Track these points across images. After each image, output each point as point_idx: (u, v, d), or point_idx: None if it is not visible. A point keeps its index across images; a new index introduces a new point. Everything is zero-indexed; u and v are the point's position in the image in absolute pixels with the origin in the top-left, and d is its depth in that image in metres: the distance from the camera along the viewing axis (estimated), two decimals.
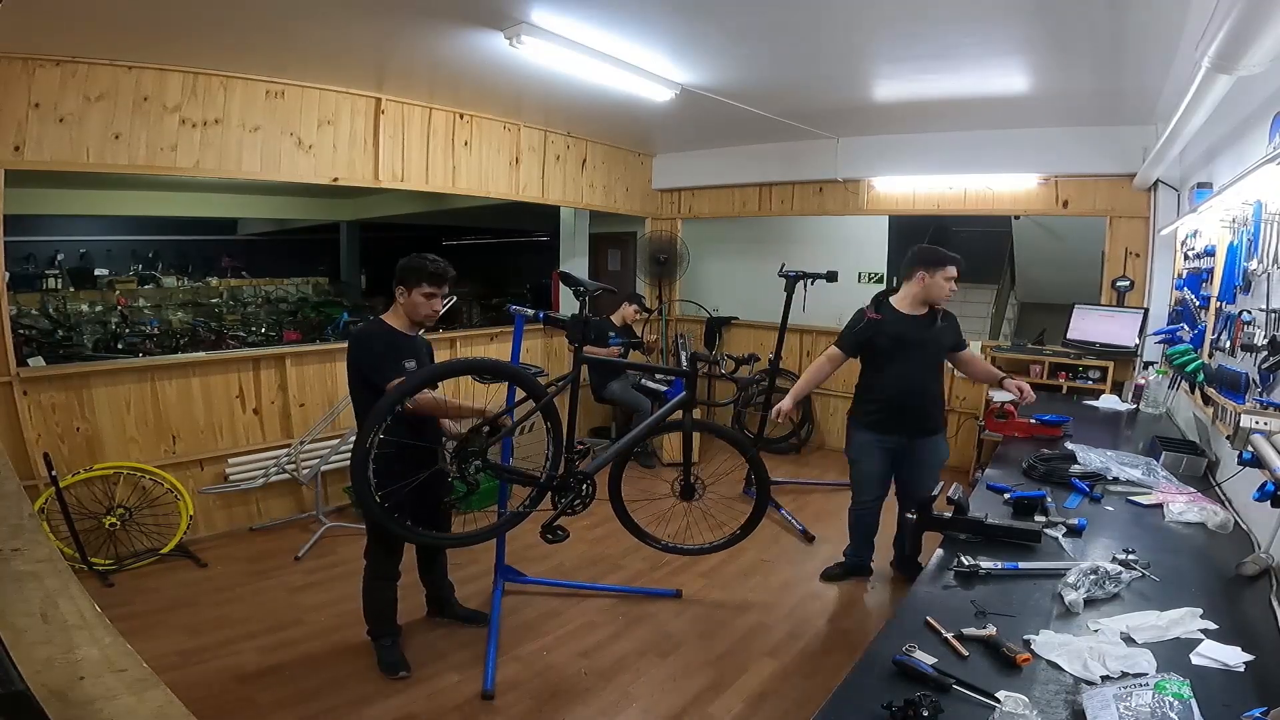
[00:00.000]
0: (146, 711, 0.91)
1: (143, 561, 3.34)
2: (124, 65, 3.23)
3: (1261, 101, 2.22)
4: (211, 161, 3.55)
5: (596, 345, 4.72)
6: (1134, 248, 4.42)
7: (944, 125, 4.56)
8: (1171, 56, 2.77)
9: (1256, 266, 2.13)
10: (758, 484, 2.83)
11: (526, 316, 2.88)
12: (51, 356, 5.14)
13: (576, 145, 5.44)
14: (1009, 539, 1.82)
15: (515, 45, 2.93)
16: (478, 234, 11.14)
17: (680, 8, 2.76)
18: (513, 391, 2.48)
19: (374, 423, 1.98)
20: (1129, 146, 4.12)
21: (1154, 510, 2.10)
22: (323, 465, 3.94)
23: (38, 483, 3.10)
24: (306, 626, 2.89)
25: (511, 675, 2.60)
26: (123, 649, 1.02)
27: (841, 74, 3.62)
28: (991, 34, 2.87)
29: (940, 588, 1.61)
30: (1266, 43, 1.44)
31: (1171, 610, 1.42)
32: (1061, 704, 1.14)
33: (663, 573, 3.43)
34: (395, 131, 4.22)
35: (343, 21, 2.94)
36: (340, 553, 3.63)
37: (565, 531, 2.46)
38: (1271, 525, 1.68)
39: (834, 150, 5.18)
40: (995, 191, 4.89)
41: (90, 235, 8.42)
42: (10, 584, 1.13)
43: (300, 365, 4.10)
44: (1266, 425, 1.60)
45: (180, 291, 8.42)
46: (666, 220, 6.37)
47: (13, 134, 2.99)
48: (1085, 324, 4.48)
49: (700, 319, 6.34)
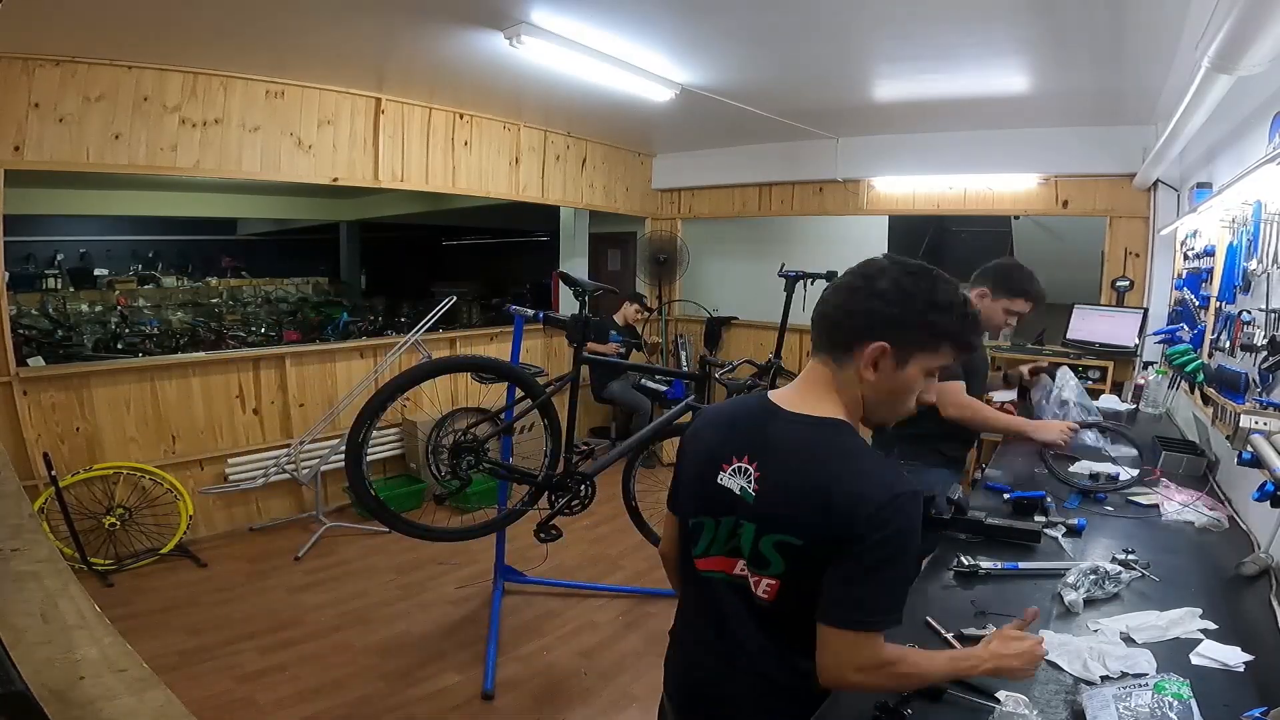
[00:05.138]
0: (146, 711, 0.91)
1: (142, 561, 3.34)
2: (124, 65, 3.23)
3: (1261, 101, 2.22)
4: (211, 161, 3.55)
5: (597, 343, 4.73)
6: (1134, 248, 4.42)
7: (944, 125, 4.56)
8: (1171, 56, 2.76)
9: (1256, 266, 2.13)
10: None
11: (526, 317, 2.88)
12: (51, 356, 5.14)
13: (576, 145, 5.44)
14: (1009, 539, 1.82)
15: (515, 45, 2.93)
16: (478, 234, 11.14)
17: (680, 8, 2.76)
18: (512, 391, 2.49)
19: (367, 417, 2.00)
20: (1129, 146, 4.11)
21: (1153, 510, 2.10)
22: (322, 465, 3.94)
23: (38, 483, 3.10)
24: (306, 626, 2.89)
25: (511, 675, 2.60)
26: (123, 649, 1.02)
27: (841, 74, 3.62)
28: (991, 34, 2.87)
29: (940, 588, 1.61)
30: (1266, 43, 1.44)
31: (1171, 610, 1.42)
32: (1061, 704, 1.14)
33: (663, 573, 3.42)
34: (395, 131, 4.22)
35: (343, 21, 2.94)
36: (340, 553, 3.64)
37: (559, 531, 2.46)
38: (1271, 525, 1.68)
39: (834, 150, 5.18)
40: (995, 191, 4.89)
41: (90, 235, 8.42)
42: (10, 584, 1.13)
43: (300, 365, 4.10)
44: (1266, 425, 1.60)
45: (180, 291, 8.42)
46: (666, 220, 6.37)
47: (13, 134, 3.00)
48: (1085, 324, 4.48)
49: (700, 319, 6.34)
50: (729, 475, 1.08)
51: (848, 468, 1.00)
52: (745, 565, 1.07)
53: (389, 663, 2.66)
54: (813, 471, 1.01)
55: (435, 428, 3.46)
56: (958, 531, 1.85)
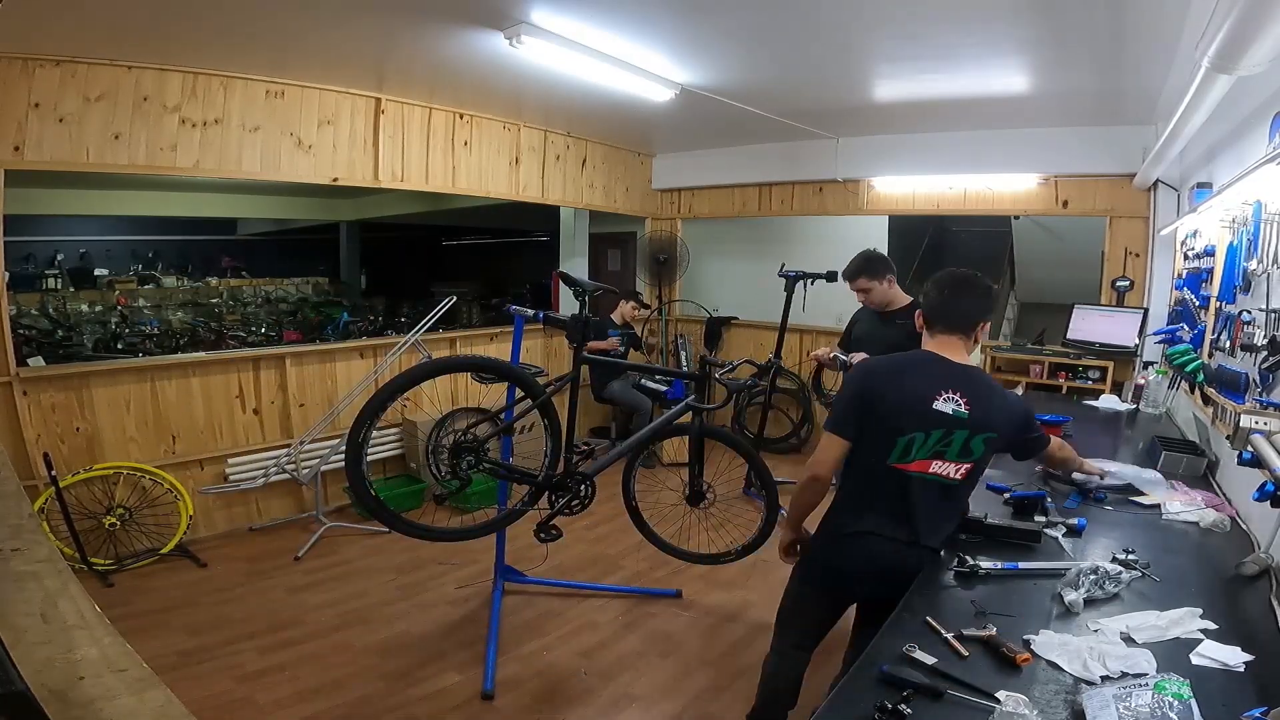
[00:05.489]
0: (146, 711, 0.91)
1: (142, 561, 3.34)
2: (124, 65, 3.23)
3: (1261, 101, 2.22)
4: (211, 161, 3.55)
5: (597, 340, 4.73)
6: (1134, 248, 4.42)
7: (944, 125, 4.56)
8: (1171, 56, 2.76)
9: (1256, 266, 2.13)
10: (767, 496, 2.82)
11: (526, 317, 2.88)
12: (51, 356, 5.14)
13: (576, 145, 5.44)
14: (1009, 539, 1.82)
15: (515, 45, 2.93)
16: (477, 234, 11.14)
17: (680, 8, 2.76)
18: (512, 391, 2.48)
19: (367, 417, 2.00)
20: (1129, 146, 4.11)
21: (1153, 510, 2.10)
22: (322, 465, 3.94)
23: (38, 483, 3.10)
24: (306, 626, 2.89)
25: (511, 675, 2.60)
26: (123, 649, 1.02)
27: (841, 74, 3.62)
28: (991, 34, 2.87)
29: (940, 588, 1.61)
30: (1266, 43, 1.44)
31: (1171, 610, 1.42)
32: (1061, 704, 1.14)
33: (663, 573, 3.43)
34: (395, 131, 4.22)
35: (343, 21, 2.94)
36: (340, 553, 3.64)
37: (559, 531, 2.46)
38: (1271, 525, 1.69)
39: (834, 150, 5.18)
40: (995, 191, 4.89)
41: (90, 235, 8.42)
42: (10, 584, 1.13)
43: (300, 365, 4.10)
44: (1266, 425, 1.60)
45: (180, 291, 8.42)
46: (666, 220, 6.37)
47: (13, 134, 2.99)
48: (1085, 324, 4.48)
49: (700, 319, 6.34)
50: (941, 402, 1.68)
51: (1009, 394, 1.86)
52: (945, 462, 1.70)
53: (389, 663, 2.66)
54: (999, 395, 1.78)
55: (435, 428, 3.47)
56: (958, 531, 1.85)
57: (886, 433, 1.70)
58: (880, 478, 1.73)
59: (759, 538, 2.80)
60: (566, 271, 3.14)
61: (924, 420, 1.68)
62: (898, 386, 1.72)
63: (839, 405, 1.81)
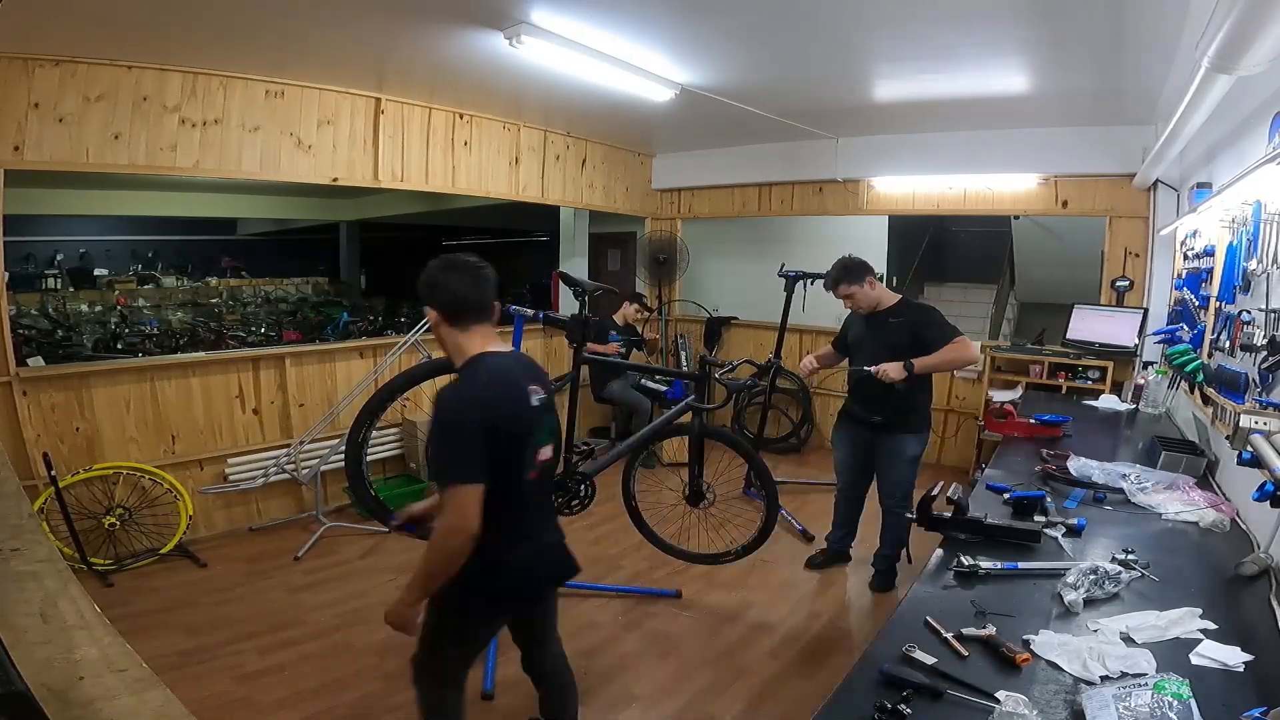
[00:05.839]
0: (146, 711, 0.91)
1: (142, 561, 3.34)
2: (124, 65, 3.23)
3: (1261, 101, 2.22)
4: (211, 161, 3.55)
5: (597, 343, 4.73)
6: (1133, 248, 4.42)
7: (944, 125, 4.56)
8: (1171, 56, 2.76)
9: (1256, 266, 2.13)
10: (767, 496, 2.83)
11: (526, 317, 2.88)
12: (51, 356, 5.14)
13: (576, 145, 5.44)
14: (1009, 539, 1.82)
15: (515, 45, 2.93)
16: (477, 234, 11.13)
17: (680, 8, 2.76)
18: None
19: (366, 417, 2.00)
20: (1129, 146, 4.11)
21: (1153, 510, 2.10)
22: (322, 465, 3.94)
23: (37, 483, 3.09)
24: (306, 626, 2.89)
25: (512, 675, 2.58)
26: (122, 649, 1.02)
27: (841, 74, 3.62)
28: (991, 34, 2.87)
29: (940, 588, 1.61)
30: (1266, 43, 1.44)
31: (1171, 610, 1.42)
32: (1061, 704, 1.14)
33: (663, 573, 3.42)
34: (395, 131, 4.22)
35: (343, 21, 2.94)
36: (340, 553, 3.63)
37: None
38: (1271, 525, 1.69)
39: (834, 150, 5.18)
40: (995, 191, 4.89)
41: (90, 235, 8.43)
42: (10, 584, 1.13)
43: (300, 365, 4.10)
44: (1266, 425, 1.60)
45: (180, 291, 8.44)
46: (666, 220, 6.37)
47: (13, 134, 2.99)
48: (1085, 324, 4.48)
49: (700, 319, 6.34)
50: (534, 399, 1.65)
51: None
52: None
53: (389, 663, 2.65)
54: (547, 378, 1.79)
55: None
56: (958, 531, 1.85)
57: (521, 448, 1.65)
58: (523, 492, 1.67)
59: (759, 537, 2.80)
60: (566, 271, 3.15)
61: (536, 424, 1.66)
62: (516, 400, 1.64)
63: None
